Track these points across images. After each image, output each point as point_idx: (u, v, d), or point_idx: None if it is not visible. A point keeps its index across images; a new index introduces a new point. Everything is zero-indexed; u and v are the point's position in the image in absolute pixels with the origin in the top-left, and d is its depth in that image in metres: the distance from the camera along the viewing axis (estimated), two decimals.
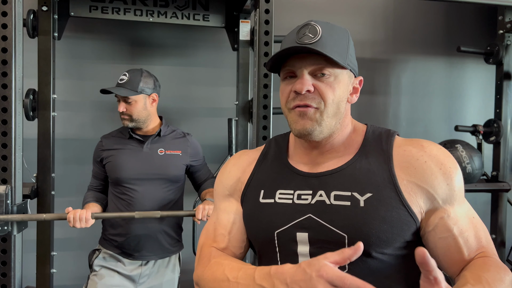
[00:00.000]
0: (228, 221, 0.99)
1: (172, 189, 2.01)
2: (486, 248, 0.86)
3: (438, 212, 0.85)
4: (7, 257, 1.89)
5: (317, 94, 0.87)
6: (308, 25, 0.88)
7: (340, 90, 0.88)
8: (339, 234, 0.84)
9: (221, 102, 2.82)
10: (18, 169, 1.91)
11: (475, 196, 3.08)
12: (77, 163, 2.58)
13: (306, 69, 0.87)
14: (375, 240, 0.83)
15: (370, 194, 0.85)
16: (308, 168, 0.94)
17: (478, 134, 2.83)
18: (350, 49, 0.91)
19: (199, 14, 2.45)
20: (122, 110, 1.95)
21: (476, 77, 3.28)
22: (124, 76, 1.98)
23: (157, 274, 2.02)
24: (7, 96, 1.86)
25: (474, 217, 0.88)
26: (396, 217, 0.83)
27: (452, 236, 0.85)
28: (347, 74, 0.90)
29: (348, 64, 0.89)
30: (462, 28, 3.23)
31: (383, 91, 3.15)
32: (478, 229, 0.87)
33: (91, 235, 2.13)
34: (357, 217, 0.84)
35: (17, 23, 1.89)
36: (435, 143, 0.91)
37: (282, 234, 0.89)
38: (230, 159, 1.08)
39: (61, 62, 2.49)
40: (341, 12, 2.99)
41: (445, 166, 0.86)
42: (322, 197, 0.88)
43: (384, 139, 0.93)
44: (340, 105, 0.89)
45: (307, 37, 0.86)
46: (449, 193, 0.85)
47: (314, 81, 0.87)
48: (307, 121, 0.87)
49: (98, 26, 2.65)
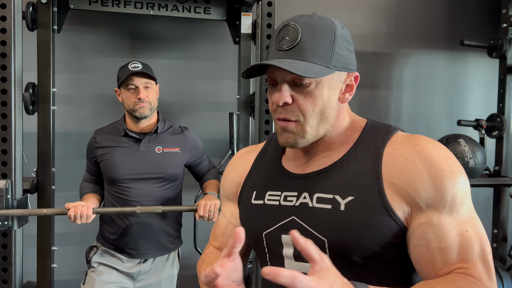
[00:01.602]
0: (223, 223, 1.05)
1: (170, 187, 1.97)
2: (470, 266, 0.75)
3: (420, 217, 0.78)
4: (8, 252, 1.89)
5: (295, 107, 0.83)
6: (287, 27, 0.83)
7: (323, 97, 0.83)
8: (319, 238, 0.82)
9: (222, 96, 2.80)
10: (18, 164, 1.90)
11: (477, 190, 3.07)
12: (77, 157, 2.56)
13: (284, 78, 0.83)
14: (356, 246, 0.79)
15: (351, 198, 0.81)
16: (298, 168, 0.92)
17: (480, 128, 2.81)
18: (336, 47, 0.83)
19: (200, 7, 2.43)
20: (143, 96, 1.88)
21: (479, 71, 3.26)
22: (136, 63, 1.91)
23: (156, 271, 1.99)
24: (6, 90, 1.84)
25: (468, 230, 0.77)
26: (378, 222, 0.78)
27: (426, 245, 0.77)
28: (335, 76, 0.84)
29: (334, 66, 0.82)
30: (465, 21, 3.21)
31: (385, 85, 3.14)
32: (468, 244, 0.76)
33: (92, 230, 2.12)
34: (337, 221, 0.80)
35: (16, 16, 1.87)
36: (436, 142, 0.83)
37: (269, 236, 0.89)
38: (231, 159, 1.10)
39: (60, 55, 2.46)
40: (343, 5, 2.96)
41: (435, 168, 0.77)
42: (306, 199, 0.86)
43: (380, 136, 0.86)
44: (326, 111, 0.84)
45: (285, 41, 0.82)
46: (436, 198, 0.77)
47: (293, 91, 0.83)
48: (289, 135, 0.85)
49: (98, 19, 2.62)
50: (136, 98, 1.88)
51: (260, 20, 2.19)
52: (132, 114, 1.92)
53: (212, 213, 1.89)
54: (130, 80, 1.89)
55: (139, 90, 1.89)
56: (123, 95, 1.93)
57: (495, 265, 2.53)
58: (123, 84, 1.91)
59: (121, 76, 1.91)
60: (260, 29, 2.18)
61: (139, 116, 1.90)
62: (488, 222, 2.91)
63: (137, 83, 1.89)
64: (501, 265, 2.60)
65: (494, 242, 2.86)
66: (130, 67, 1.90)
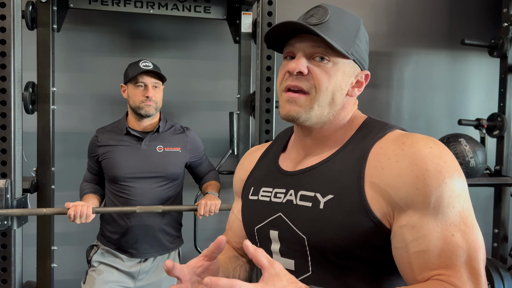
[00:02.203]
0: (230, 219, 1.11)
1: (171, 186, 1.97)
2: (452, 273, 0.69)
3: (401, 218, 0.74)
4: (7, 252, 1.88)
5: (310, 78, 0.82)
6: (318, 7, 0.85)
7: (337, 79, 0.83)
8: (300, 235, 0.82)
9: (222, 95, 2.80)
10: (17, 163, 1.89)
11: (478, 190, 3.06)
12: (77, 157, 2.55)
13: (303, 50, 0.83)
14: (333, 246, 0.78)
15: (331, 196, 0.79)
16: (290, 165, 0.93)
17: (481, 128, 2.81)
18: (358, 39, 0.85)
19: (200, 6, 2.42)
20: (151, 95, 1.90)
21: (479, 71, 3.25)
22: (147, 62, 1.93)
23: (156, 270, 1.99)
24: (6, 89, 1.84)
25: (455, 235, 0.71)
26: (356, 222, 0.75)
27: (405, 247, 0.73)
28: (350, 65, 0.85)
29: (352, 54, 0.83)
30: (466, 21, 3.20)
31: (386, 84, 3.13)
32: (452, 250, 0.70)
33: (92, 229, 2.12)
34: (316, 219, 0.80)
35: (16, 15, 1.86)
36: (430, 140, 0.77)
37: (260, 231, 0.91)
38: (242, 158, 1.12)
39: (60, 54, 2.46)
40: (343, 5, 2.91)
41: (419, 168, 0.73)
42: (291, 196, 0.86)
43: (373, 135, 0.83)
44: (336, 95, 0.84)
45: (313, 18, 0.83)
46: (417, 200, 0.72)
47: (310, 64, 0.82)
48: (293, 107, 0.84)
49: (98, 18, 2.61)
50: (144, 96, 1.90)
51: (260, 19, 2.18)
52: (136, 111, 1.92)
53: (213, 213, 1.89)
54: (140, 78, 1.90)
55: (147, 89, 1.90)
56: (130, 92, 1.94)
57: (495, 264, 2.55)
58: (131, 80, 1.92)
59: (131, 73, 1.92)
60: (260, 28, 2.17)
61: (144, 114, 1.91)
62: (489, 221, 2.91)
63: (147, 82, 1.91)
64: (501, 264, 2.59)
65: (495, 242, 2.86)
66: (142, 65, 1.91)
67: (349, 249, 0.77)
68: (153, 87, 1.92)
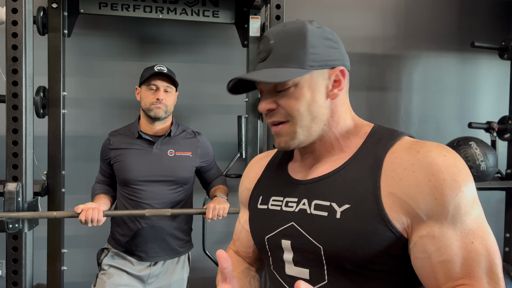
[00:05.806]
0: (237, 229, 1.11)
1: (181, 190, 1.98)
2: (475, 283, 0.71)
3: (421, 229, 0.75)
4: (18, 255, 1.90)
5: (281, 109, 0.85)
6: (262, 39, 0.88)
7: (305, 97, 0.83)
8: (316, 245, 0.81)
9: (230, 99, 2.80)
10: (29, 167, 1.91)
11: (489, 194, 3.03)
12: (87, 160, 2.58)
13: (265, 88, 0.87)
14: (350, 255, 0.78)
15: (348, 206, 0.79)
16: (301, 174, 0.92)
17: (492, 131, 2.78)
18: (310, 46, 0.83)
19: (208, 10, 2.44)
20: (161, 97, 1.92)
21: (489, 73, 3.22)
22: (162, 66, 1.96)
23: (166, 274, 1.99)
24: (17, 93, 1.86)
25: (474, 242, 0.72)
26: (373, 231, 0.76)
27: (428, 258, 0.74)
28: (314, 75, 0.84)
29: (311, 66, 0.82)
30: (475, 23, 3.18)
31: (395, 87, 3.11)
32: (474, 258, 0.72)
33: (102, 232, 2.13)
34: (332, 229, 0.80)
35: (27, 20, 1.89)
36: (442, 147, 0.78)
37: (271, 240, 0.91)
38: (247, 166, 1.12)
39: (71, 59, 2.49)
40: (352, 7, 2.95)
41: (437, 178, 0.74)
42: (305, 205, 0.86)
43: (384, 142, 0.83)
44: (313, 110, 0.84)
45: (262, 53, 0.86)
46: (437, 209, 0.73)
47: (275, 97, 0.85)
48: (280, 138, 0.88)
49: (108, 23, 2.64)
50: (155, 98, 1.91)
51: (268, 23, 2.18)
52: (147, 113, 1.94)
53: (221, 217, 1.89)
54: (153, 80, 1.92)
55: (159, 91, 1.93)
56: (143, 94, 1.96)
57: (506, 269, 2.51)
58: (145, 82, 1.95)
59: (145, 75, 1.95)
60: None
61: (154, 116, 1.92)
62: (500, 225, 2.87)
63: (159, 84, 1.93)
64: None
65: (507, 246, 2.81)
66: (156, 68, 1.95)
67: (366, 257, 0.77)
68: (165, 91, 1.94)
